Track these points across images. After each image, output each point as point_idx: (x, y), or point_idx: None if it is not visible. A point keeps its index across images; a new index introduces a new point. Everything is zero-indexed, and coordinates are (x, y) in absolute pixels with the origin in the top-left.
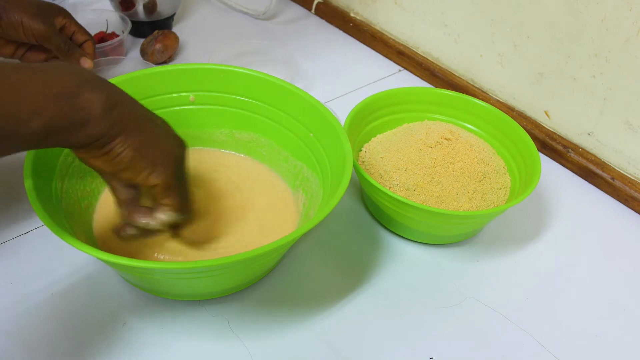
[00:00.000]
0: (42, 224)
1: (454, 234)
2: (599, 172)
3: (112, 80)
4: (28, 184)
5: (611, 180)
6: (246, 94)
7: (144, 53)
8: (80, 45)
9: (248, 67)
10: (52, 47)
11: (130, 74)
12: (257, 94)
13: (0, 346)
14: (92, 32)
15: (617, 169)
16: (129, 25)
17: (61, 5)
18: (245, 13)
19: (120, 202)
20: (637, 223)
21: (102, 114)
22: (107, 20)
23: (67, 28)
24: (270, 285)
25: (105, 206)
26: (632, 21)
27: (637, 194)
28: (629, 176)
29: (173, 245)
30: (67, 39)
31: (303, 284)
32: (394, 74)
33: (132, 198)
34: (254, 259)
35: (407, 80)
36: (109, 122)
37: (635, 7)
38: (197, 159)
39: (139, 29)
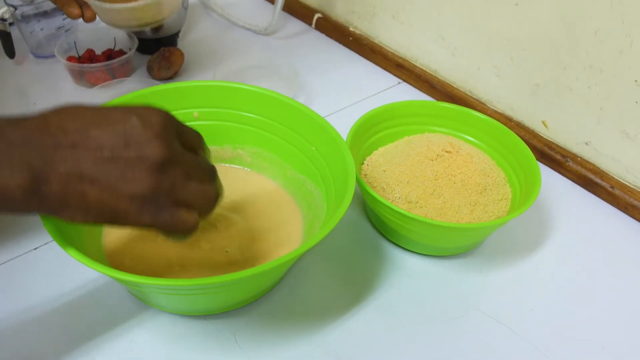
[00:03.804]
0: (52, 239)
1: (456, 245)
2: (598, 180)
3: (119, 99)
4: None
5: (610, 189)
6: (249, 109)
7: (150, 70)
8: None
9: (251, 81)
10: None
11: (136, 92)
12: (260, 109)
13: None
14: (100, 49)
15: (616, 177)
16: (136, 42)
17: (71, 23)
18: (248, 29)
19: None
20: (637, 231)
21: (27, 198)
22: (114, 38)
23: None
24: (276, 298)
25: None
26: (625, 34)
27: (636, 202)
28: (628, 184)
29: (178, 259)
30: None
31: (308, 297)
32: (394, 86)
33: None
34: (257, 276)
35: (407, 92)
36: (42, 202)
37: (627, 20)
38: None
39: (145, 46)
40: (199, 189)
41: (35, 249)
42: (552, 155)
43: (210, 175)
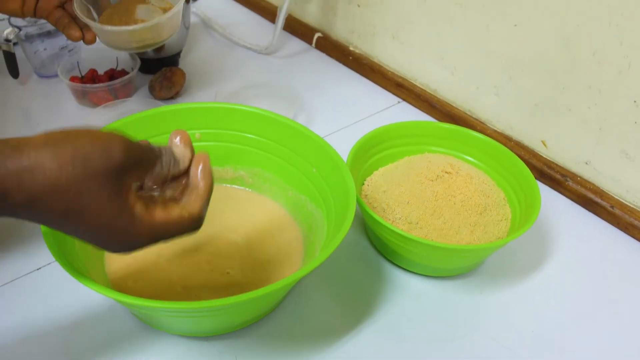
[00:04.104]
0: (55, 260)
1: (457, 266)
2: (598, 200)
3: (121, 121)
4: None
5: (610, 209)
6: (250, 130)
7: (152, 89)
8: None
9: (252, 100)
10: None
11: (138, 114)
12: (261, 130)
13: None
14: (103, 69)
15: (615, 197)
16: (138, 62)
17: (74, 44)
18: (249, 48)
19: None
20: (638, 251)
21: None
22: (117, 58)
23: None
24: (277, 319)
25: None
26: (623, 55)
27: (636, 221)
28: (628, 204)
29: (179, 281)
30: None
31: (309, 318)
32: (394, 105)
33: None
34: (258, 299)
35: (406, 111)
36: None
37: (625, 42)
38: None
39: (147, 66)
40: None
41: (38, 269)
42: (551, 175)
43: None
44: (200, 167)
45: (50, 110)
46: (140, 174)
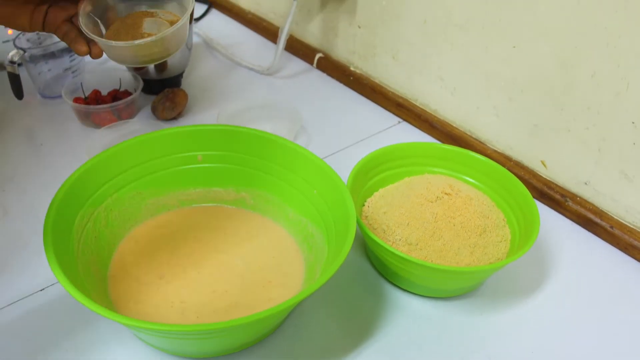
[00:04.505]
0: (58, 281)
1: (456, 287)
2: (598, 220)
3: (124, 144)
4: (47, 242)
5: (610, 229)
6: (252, 152)
7: (155, 110)
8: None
9: (254, 121)
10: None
11: (141, 136)
12: (263, 152)
13: None
14: (106, 90)
15: (615, 217)
16: (141, 83)
17: (78, 65)
18: (251, 69)
19: None
20: (637, 271)
21: None
22: (120, 79)
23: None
24: (277, 341)
25: (120, 264)
26: (621, 77)
27: (636, 242)
28: (628, 224)
29: (180, 303)
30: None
31: (309, 340)
32: (394, 125)
33: None
34: (257, 322)
35: (407, 131)
36: None
37: (622, 64)
38: (203, 215)
39: (150, 87)
40: None
41: (41, 290)
42: (551, 195)
43: None
44: None
45: (54, 131)
46: None
